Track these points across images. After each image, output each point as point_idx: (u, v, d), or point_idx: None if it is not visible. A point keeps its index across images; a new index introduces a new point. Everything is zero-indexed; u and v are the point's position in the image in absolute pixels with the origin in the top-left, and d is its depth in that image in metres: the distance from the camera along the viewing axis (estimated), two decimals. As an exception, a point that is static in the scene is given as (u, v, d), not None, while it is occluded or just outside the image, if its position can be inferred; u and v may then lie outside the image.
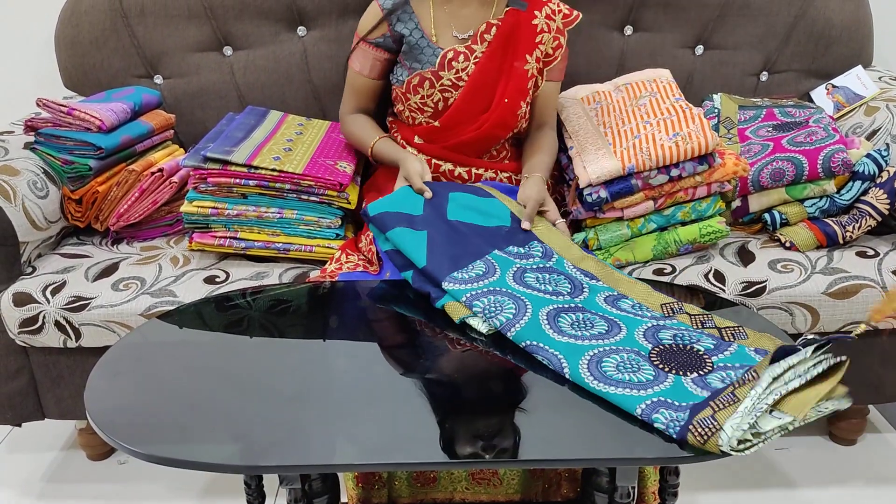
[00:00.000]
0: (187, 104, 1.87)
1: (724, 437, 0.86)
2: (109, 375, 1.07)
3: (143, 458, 0.91)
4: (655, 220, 1.47)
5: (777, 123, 1.65)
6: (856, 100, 1.73)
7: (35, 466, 1.73)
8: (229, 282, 1.45)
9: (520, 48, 1.51)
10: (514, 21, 1.51)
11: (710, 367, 1.00)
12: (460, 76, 1.50)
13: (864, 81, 1.74)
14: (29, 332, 1.44)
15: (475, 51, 1.51)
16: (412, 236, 1.27)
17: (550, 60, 1.55)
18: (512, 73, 1.51)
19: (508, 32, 1.51)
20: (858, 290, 1.39)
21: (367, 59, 1.57)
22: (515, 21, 1.51)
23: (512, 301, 1.13)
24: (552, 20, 1.54)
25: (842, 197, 1.51)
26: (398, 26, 1.52)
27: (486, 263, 1.22)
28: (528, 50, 1.51)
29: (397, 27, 1.52)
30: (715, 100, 1.76)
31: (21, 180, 1.52)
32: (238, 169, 1.47)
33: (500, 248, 1.27)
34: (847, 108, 1.72)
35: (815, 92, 1.82)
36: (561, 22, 1.55)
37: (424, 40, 1.52)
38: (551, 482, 1.30)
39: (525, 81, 1.52)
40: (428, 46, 1.52)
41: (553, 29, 1.54)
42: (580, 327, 1.09)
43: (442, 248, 1.24)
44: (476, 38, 1.51)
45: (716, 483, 1.59)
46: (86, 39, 1.81)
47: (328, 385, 1.04)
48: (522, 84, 1.52)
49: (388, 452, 0.91)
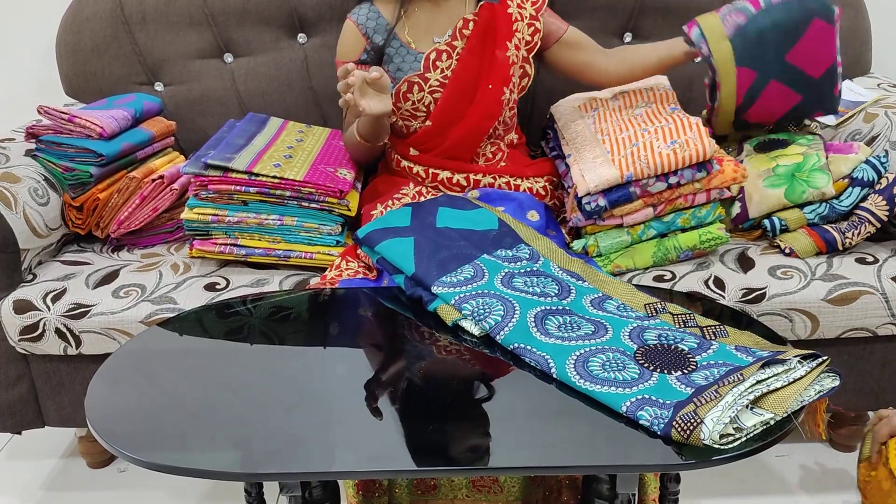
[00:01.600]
0: (188, 111, 1.87)
1: (705, 430, 0.88)
2: (110, 383, 1.07)
3: (143, 465, 0.91)
4: (655, 226, 1.47)
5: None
6: (854, 107, 1.73)
7: (35, 474, 1.73)
8: (230, 289, 1.45)
9: (499, 37, 1.55)
10: (490, 14, 1.55)
11: (693, 366, 1.02)
12: (446, 74, 1.54)
13: (858, 90, 1.75)
14: (29, 339, 1.44)
15: (456, 47, 1.54)
16: (399, 244, 1.29)
17: (532, 46, 1.59)
18: (494, 62, 1.54)
19: (485, 25, 1.55)
20: (858, 297, 1.39)
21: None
22: (490, 14, 1.55)
23: (500, 303, 1.15)
24: (523, 8, 1.58)
25: (841, 203, 1.51)
26: (375, 37, 1.56)
27: (474, 267, 1.24)
28: (508, 37, 1.55)
29: (374, 38, 1.56)
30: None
31: (22, 187, 1.52)
32: (239, 176, 1.47)
33: (488, 252, 1.28)
34: (848, 114, 1.72)
35: None
36: (532, 9, 1.58)
37: (404, 48, 1.55)
38: (552, 489, 1.30)
39: (507, 69, 1.55)
40: (409, 53, 1.55)
41: (526, 17, 1.57)
42: (567, 329, 1.11)
43: (429, 253, 1.26)
44: (455, 34, 1.55)
45: (716, 490, 1.59)
46: (87, 46, 1.82)
47: (329, 392, 1.04)
48: (504, 72, 1.55)
49: (389, 459, 0.91)
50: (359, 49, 1.57)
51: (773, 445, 0.91)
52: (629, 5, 1.83)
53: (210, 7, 1.81)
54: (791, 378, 0.95)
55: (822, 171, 1.50)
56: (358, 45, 1.57)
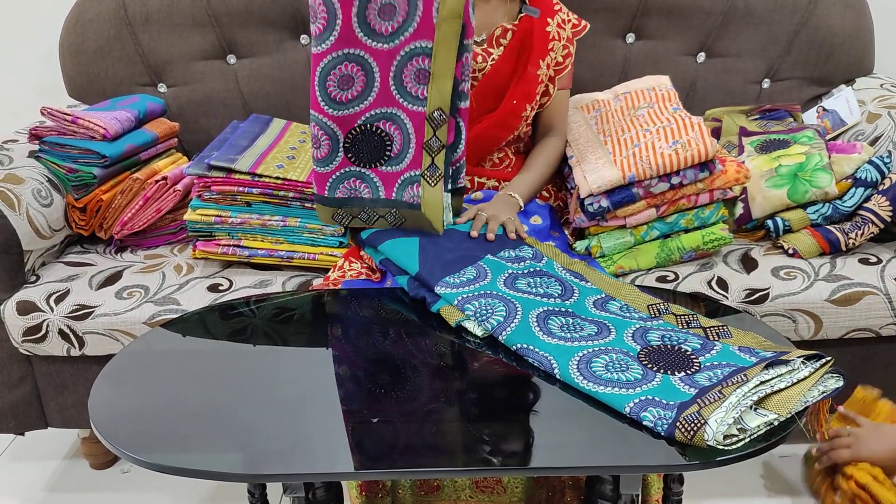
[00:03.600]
0: (191, 112, 1.87)
1: (709, 431, 0.88)
2: (113, 384, 1.07)
3: (146, 466, 0.91)
4: (658, 227, 1.47)
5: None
6: (841, 125, 1.74)
7: (38, 475, 1.73)
8: (233, 290, 1.45)
9: (534, 54, 1.53)
10: (528, 27, 1.54)
11: (697, 367, 1.02)
12: (476, 75, 1.53)
13: (851, 106, 1.75)
14: (32, 340, 1.44)
15: (492, 53, 1.54)
16: (404, 244, 1.30)
17: (561, 69, 1.58)
18: (524, 77, 1.53)
19: (523, 37, 1.54)
20: (861, 297, 1.38)
21: None
22: (529, 27, 1.54)
23: (503, 304, 1.15)
24: (563, 29, 1.57)
25: (844, 204, 1.51)
26: None
27: (477, 269, 1.24)
28: (542, 55, 1.54)
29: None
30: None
31: (25, 189, 1.52)
32: (242, 177, 1.47)
33: (492, 253, 1.28)
34: (832, 134, 1.73)
35: (806, 115, 1.83)
36: (570, 31, 1.58)
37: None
38: (555, 490, 1.30)
39: (535, 86, 1.54)
40: None
41: (563, 38, 1.57)
42: (569, 330, 1.11)
43: (434, 254, 1.26)
44: (491, 41, 1.54)
45: (719, 491, 1.59)
46: (90, 48, 1.82)
47: (332, 393, 1.04)
48: (531, 88, 1.54)
49: (392, 460, 0.91)
50: None
51: (777, 446, 0.91)
52: (633, 6, 1.83)
53: (213, 8, 1.81)
54: (795, 379, 0.95)
55: (825, 171, 1.50)
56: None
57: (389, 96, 1.27)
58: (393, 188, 1.31)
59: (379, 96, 1.27)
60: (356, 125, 1.28)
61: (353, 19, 1.22)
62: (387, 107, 1.28)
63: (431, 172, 1.30)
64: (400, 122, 1.28)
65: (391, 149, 1.29)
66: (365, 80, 1.26)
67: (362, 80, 1.25)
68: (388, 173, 1.31)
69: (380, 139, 1.29)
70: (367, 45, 1.24)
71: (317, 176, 1.33)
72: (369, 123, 1.29)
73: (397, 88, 1.27)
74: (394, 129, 1.29)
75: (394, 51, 1.24)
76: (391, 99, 1.27)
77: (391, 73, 1.26)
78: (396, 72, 1.25)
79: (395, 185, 1.31)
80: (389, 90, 1.27)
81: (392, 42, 1.24)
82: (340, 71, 1.25)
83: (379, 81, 1.26)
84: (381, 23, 1.23)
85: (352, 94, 1.26)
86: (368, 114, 1.28)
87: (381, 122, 1.28)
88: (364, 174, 1.31)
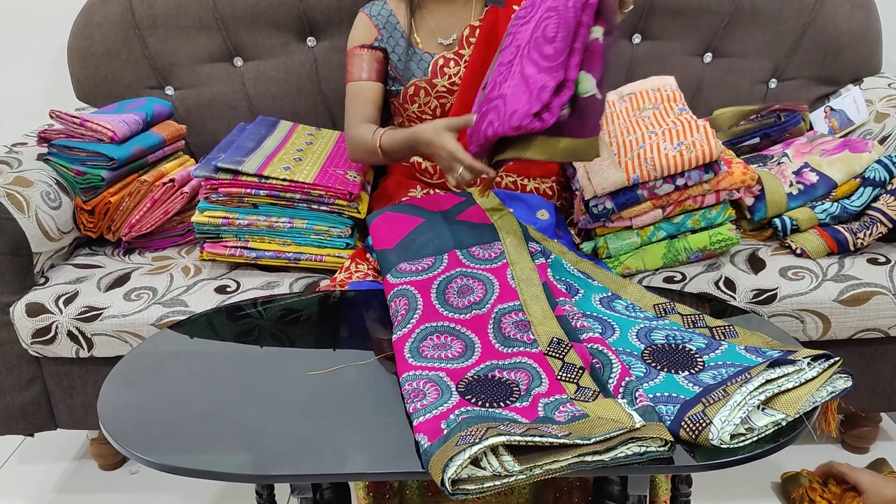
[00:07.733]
0: (198, 115, 1.88)
1: (714, 430, 0.88)
2: (122, 385, 1.08)
3: (155, 467, 0.91)
4: (665, 228, 1.47)
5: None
6: (848, 125, 1.73)
7: (47, 477, 1.74)
8: (240, 291, 1.46)
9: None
10: (493, 19, 1.55)
11: (701, 366, 1.02)
12: (454, 81, 1.55)
13: (859, 106, 1.74)
14: (42, 342, 1.45)
15: (464, 55, 1.55)
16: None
17: None
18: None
19: (490, 30, 1.55)
20: (870, 297, 1.38)
21: (366, 62, 1.58)
22: (494, 18, 1.55)
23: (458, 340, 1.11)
24: None
25: (852, 203, 1.50)
26: (384, 33, 1.58)
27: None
28: None
29: (384, 33, 1.58)
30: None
31: (34, 191, 1.53)
32: (249, 179, 1.47)
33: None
34: (839, 134, 1.73)
35: (814, 114, 1.83)
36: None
37: (411, 47, 1.57)
38: (562, 491, 1.30)
39: None
40: (415, 53, 1.56)
41: None
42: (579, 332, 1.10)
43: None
44: (461, 42, 1.56)
45: (726, 492, 1.58)
46: (98, 51, 1.83)
47: (339, 394, 1.04)
48: None
49: (400, 461, 0.91)
50: (371, 36, 1.58)
51: (786, 447, 0.91)
52: (638, 6, 1.82)
53: (220, 11, 1.82)
54: (803, 379, 0.95)
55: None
56: (370, 32, 1.59)
57: (494, 351, 1.10)
58: (537, 411, 0.98)
59: (484, 352, 1.10)
60: (466, 376, 1.05)
61: (434, 301, 1.17)
62: (495, 360, 1.09)
63: (582, 394, 1.00)
64: (518, 366, 1.07)
65: (518, 389, 1.03)
66: (463, 343, 1.11)
67: (460, 344, 1.12)
68: (522, 408, 0.99)
69: (500, 384, 1.04)
70: (453, 317, 1.15)
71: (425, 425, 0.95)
72: (482, 374, 1.06)
73: (501, 343, 1.11)
74: (513, 373, 1.06)
75: (483, 317, 1.15)
76: (497, 353, 1.10)
77: (489, 331, 1.13)
78: (494, 330, 1.12)
79: (537, 409, 0.98)
80: (492, 346, 1.11)
81: (479, 310, 1.16)
82: (432, 341, 1.11)
83: (479, 342, 1.12)
84: (459, 300, 1.17)
85: (452, 353, 1.10)
86: (477, 368, 1.07)
87: (494, 371, 1.06)
88: (494, 413, 0.98)
